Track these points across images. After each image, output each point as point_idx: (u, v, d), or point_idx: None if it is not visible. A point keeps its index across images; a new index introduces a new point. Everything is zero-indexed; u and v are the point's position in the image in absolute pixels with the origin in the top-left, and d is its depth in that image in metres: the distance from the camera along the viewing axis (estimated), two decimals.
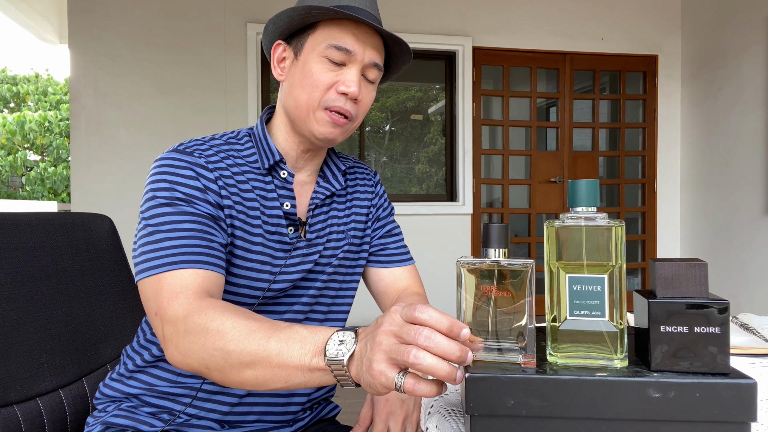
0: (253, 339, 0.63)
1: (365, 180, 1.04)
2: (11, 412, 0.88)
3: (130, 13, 4.09)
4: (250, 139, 0.92)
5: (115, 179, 4.02)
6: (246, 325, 0.64)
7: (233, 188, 0.84)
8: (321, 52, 0.85)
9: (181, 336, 0.68)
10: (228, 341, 0.64)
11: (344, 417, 2.47)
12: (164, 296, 0.73)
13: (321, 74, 0.85)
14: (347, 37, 0.84)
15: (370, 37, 0.86)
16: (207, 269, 0.76)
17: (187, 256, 0.75)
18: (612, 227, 0.60)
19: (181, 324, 0.69)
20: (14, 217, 0.95)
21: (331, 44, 0.84)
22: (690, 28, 4.82)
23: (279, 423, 0.90)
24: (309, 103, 0.86)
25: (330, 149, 0.99)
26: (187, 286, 0.73)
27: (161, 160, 0.83)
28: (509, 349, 0.62)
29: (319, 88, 0.85)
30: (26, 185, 15.42)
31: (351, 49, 0.84)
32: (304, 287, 0.91)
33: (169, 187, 0.79)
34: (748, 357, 0.88)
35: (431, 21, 4.55)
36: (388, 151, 4.97)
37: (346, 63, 0.86)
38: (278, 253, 0.88)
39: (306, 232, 0.91)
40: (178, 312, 0.70)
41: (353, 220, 0.99)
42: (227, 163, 0.86)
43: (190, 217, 0.78)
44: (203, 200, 0.80)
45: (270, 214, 0.88)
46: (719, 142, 4.46)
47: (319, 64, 0.85)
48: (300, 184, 0.94)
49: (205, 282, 0.75)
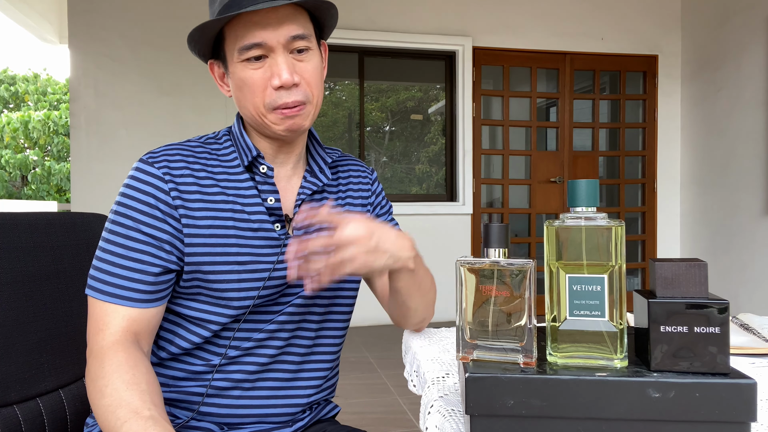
0: (111, 416, 0.69)
1: (360, 177, 1.02)
2: (11, 412, 0.89)
3: (130, 13, 4.09)
4: (229, 138, 0.91)
5: (115, 179, 4.02)
6: (119, 399, 0.70)
7: (195, 194, 0.83)
8: (238, 58, 0.82)
9: (89, 367, 0.77)
10: (99, 404, 0.72)
11: (344, 417, 2.47)
12: (92, 324, 0.79)
13: (250, 79, 0.82)
14: (251, 30, 0.80)
15: (274, 14, 0.80)
16: (136, 307, 0.79)
17: (120, 290, 0.79)
18: (612, 227, 0.60)
19: (92, 360, 0.77)
20: (14, 217, 0.95)
21: (240, 47, 0.81)
22: (690, 28, 4.82)
23: (278, 423, 0.90)
24: (256, 110, 0.84)
25: (315, 141, 0.97)
26: (109, 323, 0.78)
27: (132, 171, 0.84)
28: (509, 349, 0.62)
29: (256, 94, 0.83)
30: (31, 183, 15.46)
31: (260, 41, 0.80)
32: (297, 285, 0.90)
33: (125, 206, 0.81)
34: (748, 357, 0.88)
35: (431, 21, 4.55)
36: (388, 151, 4.97)
37: (267, 54, 0.82)
38: (265, 250, 0.86)
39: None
40: (94, 349, 0.78)
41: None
42: (194, 167, 0.84)
43: (136, 244, 0.80)
44: (151, 223, 0.81)
45: (251, 211, 0.86)
46: (719, 142, 4.46)
47: (244, 70, 0.83)
48: (285, 179, 0.92)
49: (132, 324, 0.79)
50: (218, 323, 0.84)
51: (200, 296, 0.85)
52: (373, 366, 3.35)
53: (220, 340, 0.86)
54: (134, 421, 0.67)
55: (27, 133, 15.48)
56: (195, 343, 0.85)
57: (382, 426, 2.42)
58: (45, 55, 44.47)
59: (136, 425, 0.67)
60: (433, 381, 0.78)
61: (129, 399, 0.70)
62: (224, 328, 0.86)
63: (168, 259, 0.81)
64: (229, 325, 0.86)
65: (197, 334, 0.85)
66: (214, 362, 0.85)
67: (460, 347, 0.64)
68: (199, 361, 0.86)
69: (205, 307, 0.85)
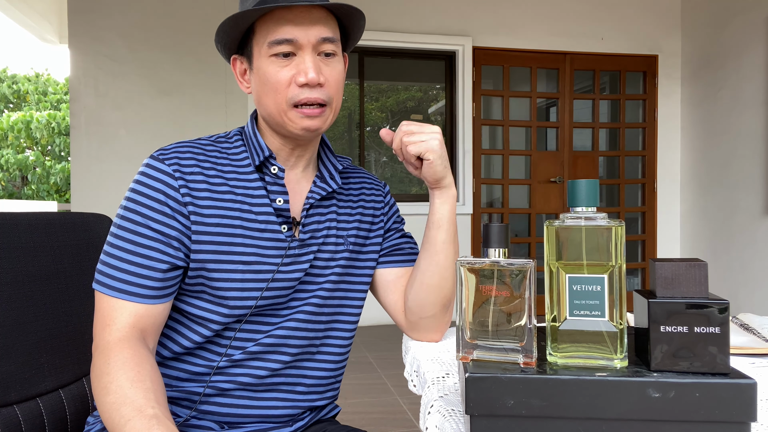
0: (116, 414, 0.69)
1: (374, 190, 1.02)
2: (11, 412, 0.89)
3: (130, 13, 4.09)
4: (240, 138, 0.91)
5: (115, 179, 4.02)
6: (123, 396, 0.71)
7: (204, 192, 0.83)
8: (266, 52, 0.83)
9: (94, 362, 0.78)
10: (103, 401, 0.72)
11: (344, 417, 2.47)
12: (98, 320, 0.80)
13: (276, 75, 0.83)
14: (283, 26, 0.82)
15: (308, 14, 0.82)
16: (143, 303, 0.79)
17: (127, 285, 0.79)
18: (612, 227, 0.60)
19: (98, 355, 0.77)
20: (14, 217, 0.95)
21: (271, 41, 0.82)
22: (690, 28, 4.82)
23: (278, 423, 0.90)
24: (277, 107, 0.85)
25: (327, 147, 0.97)
26: (116, 318, 0.79)
27: (142, 167, 0.84)
28: (509, 349, 0.62)
29: (279, 90, 0.84)
30: (31, 183, 15.47)
31: (291, 37, 0.82)
32: (305, 290, 0.90)
33: (135, 201, 0.81)
34: (748, 357, 0.88)
35: (431, 21, 4.55)
36: (388, 151, 4.97)
37: (295, 52, 0.83)
38: (270, 251, 0.86)
39: (299, 232, 0.89)
40: (100, 344, 0.78)
41: (356, 227, 0.96)
42: (204, 165, 0.85)
43: (145, 240, 0.80)
44: (160, 219, 0.81)
45: (259, 211, 0.86)
46: (719, 142, 4.46)
47: (270, 65, 0.83)
48: (295, 181, 0.92)
49: (138, 320, 0.79)
50: (220, 323, 0.84)
51: (203, 294, 0.85)
52: (373, 366, 3.35)
53: (222, 340, 0.86)
54: (138, 420, 0.67)
55: (29, 133, 15.51)
56: (197, 342, 0.85)
57: (382, 426, 2.42)
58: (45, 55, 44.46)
59: (140, 424, 0.67)
60: (433, 381, 0.78)
61: (133, 397, 0.70)
62: (226, 328, 0.86)
63: (176, 256, 0.82)
64: (231, 325, 0.86)
65: (199, 333, 0.85)
66: (215, 362, 0.86)
67: (460, 347, 0.64)
68: (202, 361, 0.86)
69: (208, 305, 0.85)
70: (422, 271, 0.94)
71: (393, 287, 1.00)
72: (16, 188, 15.82)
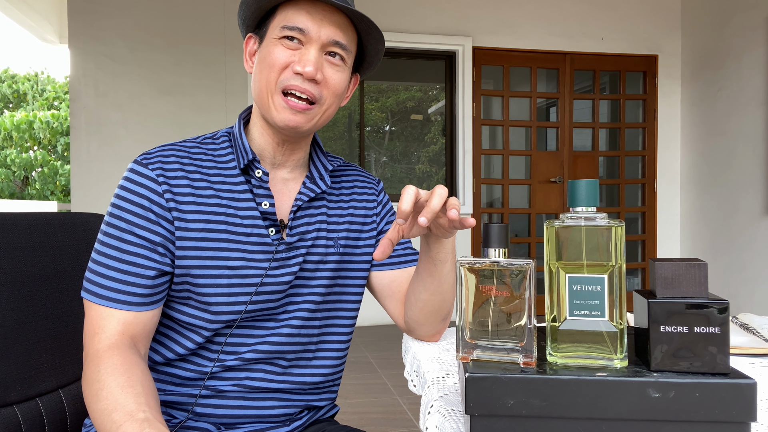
0: (107, 420, 0.69)
1: (366, 188, 1.00)
2: (11, 412, 0.88)
3: (130, 13, 4.09)
4: (227, 139, 0.90)
5: (115, 179, 4.02)
6: (114, 402, 0.70)
7: (188, 197, 0.82)
8: (277, 35, 0.83)
9: (85, 370, 0.77)
10: (95, 408, 0.72)
11: (344, 417, 2.47)
12: (87, 328, 0.79)
13: (276, 54, 0.83)
14: (301, 16, 0.82)
15: (328, 15, 0.82)
16: (131, 310, 0.79)
17: (114, 293, 0.78)
18: (612, 227, 0.60)
19: (88, 363, 0.77)
20: (14, 217, 0.95)
21: (284, 26, 0.82)
22: (690, 28, 4.82)
23: (276, 423, 0.90)
24: (267, 86, 0.84)
25: (318, 148, 0.96)
26: (105, 326, 0.78)
27: (126, 172, 0.83)
28: (509, 349, 0.62)
29: (274, 69, 0.83)
30: (36, 182, 15.47)
31: (304, 27, 0.81)
32: (299, 294, 0.89)
33: (120, 208, 0.81)
34: (748, 357, 0.88)
35: (431, 21, 4.55)
36: (388, 151, 4.97)
37: (303, 43, 0.83)
38: (257, 255, 0.84)
39: (287, 235, 0.87)
40: (90, 352, 0.78)
41: (347, 228, 0.94)
42: (189, 169, 0.84)
43: (131, 247, 0.79)
44: (145, 225, 0.80)
45: (245, 215, 0.84)
46: (719, 142, 4.46)
47: (275, 46, 0.83)
48: (282, 182, 0.91)
49: (127, 327, 0.79)
50: (209, 329, 0.83)
51: (190, 300, 0.84)
52: (373, 366, 3.35)
53: (214, 346, 0.85)
54: (129, 424, 0.67)
55: (32, 132, 15.52)
56: (190, 349, 0.85)
57: (382, 426, 2.42)
58: (45, 55, 44.48)
59: (131, 428, 0.66)
60: (433, 381, 0.78)
61: (124, 402, 0.70)
62: (217, 334, 0.85)
63: (163, 262, 0.81)
64: (222, 331, 0.85)
65: (191, 339, 0.85)
66: (208, 369, 0.85)
67: (460, 347, 0.64)
68: (195, 367, 0.85)
69: (195, 312, 0.84)
70: (424, 301, 0.91)
71: (389, 292, 0.99)
72: (18, 188, 15.82)
